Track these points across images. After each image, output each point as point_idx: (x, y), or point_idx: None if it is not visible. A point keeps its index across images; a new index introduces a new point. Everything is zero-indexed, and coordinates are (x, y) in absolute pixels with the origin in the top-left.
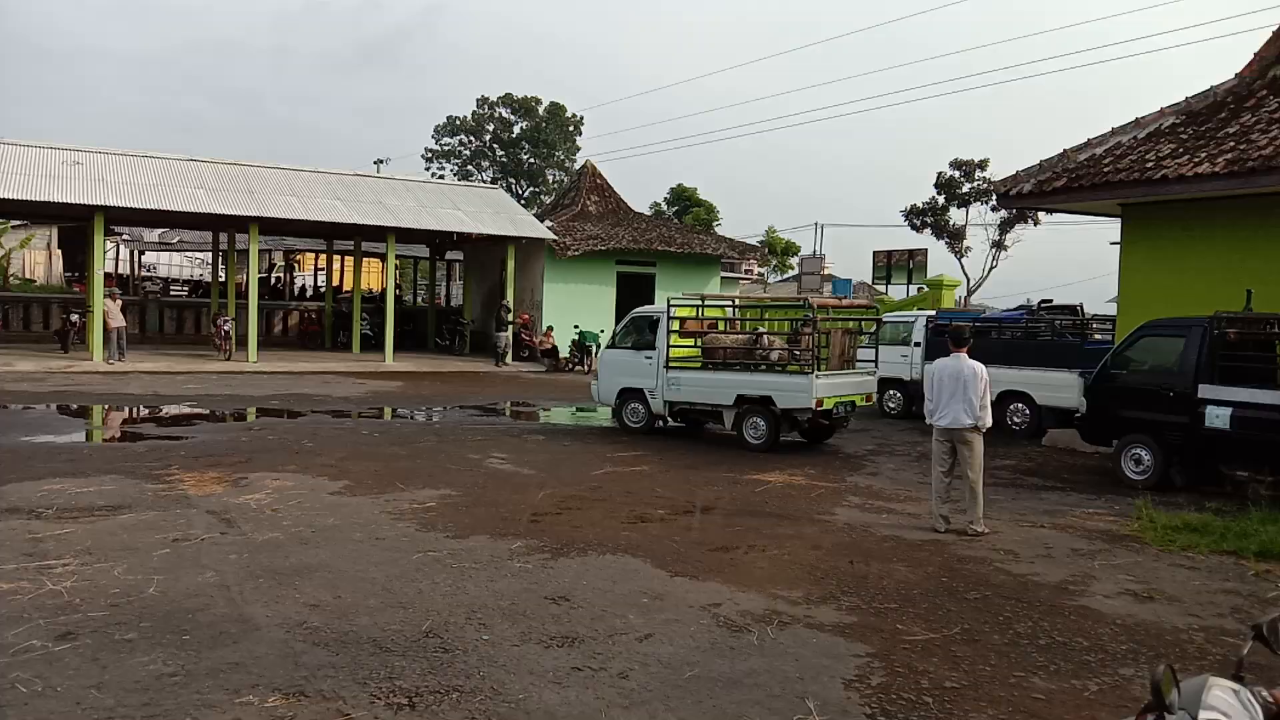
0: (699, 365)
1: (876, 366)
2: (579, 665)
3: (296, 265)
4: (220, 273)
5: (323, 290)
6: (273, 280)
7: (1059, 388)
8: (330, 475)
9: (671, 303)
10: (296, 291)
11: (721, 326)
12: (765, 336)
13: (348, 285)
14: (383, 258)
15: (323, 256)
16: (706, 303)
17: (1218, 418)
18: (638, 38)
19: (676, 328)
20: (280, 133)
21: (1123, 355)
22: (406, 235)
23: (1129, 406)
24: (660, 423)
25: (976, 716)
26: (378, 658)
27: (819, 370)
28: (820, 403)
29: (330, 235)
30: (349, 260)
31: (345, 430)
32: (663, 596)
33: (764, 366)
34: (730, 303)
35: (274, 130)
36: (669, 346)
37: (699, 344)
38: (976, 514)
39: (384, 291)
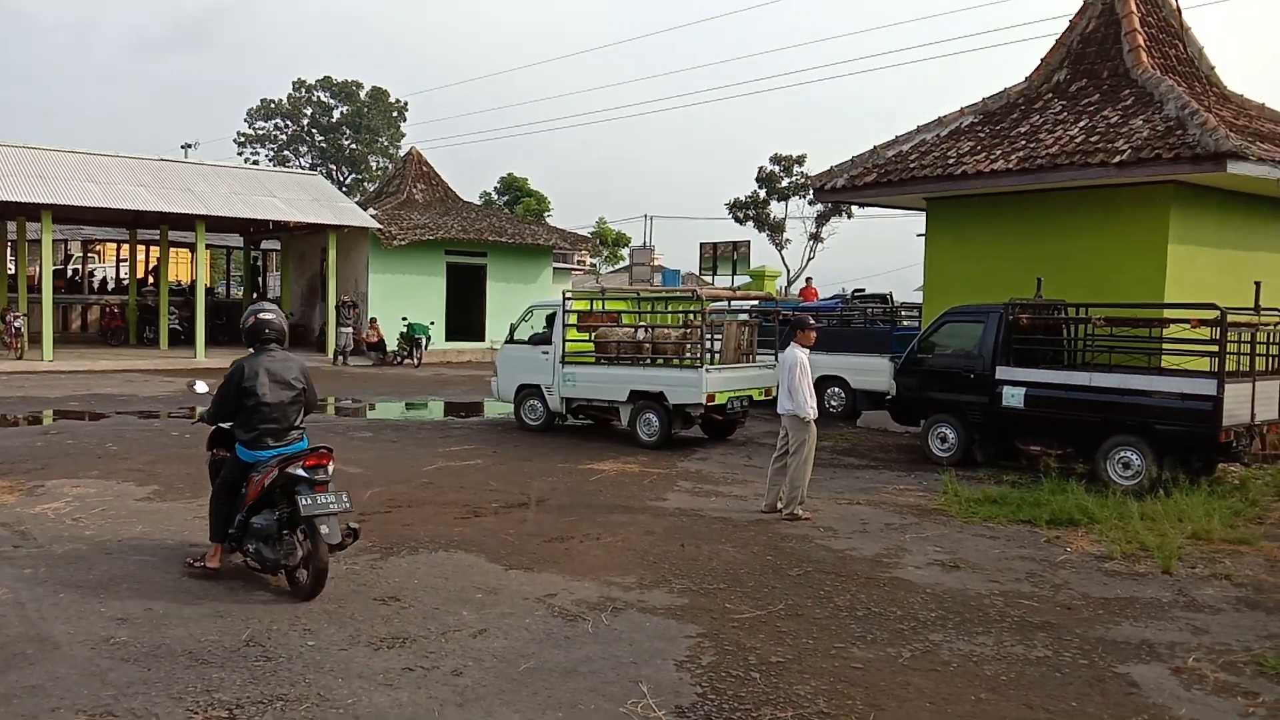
0: (593, 360)
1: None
2: (410, 665)
3: (96, 256)
4: (10, 264)
5: (126, 283)
6: (70, 272)
7: (871, 372)
8: (137, 480)
9: (567, 295)
10: (97, 285)
11: (627, 320)
12: (651, 330)
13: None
14: (192, 247)
15: (125, 247)
16: (605, 294)
17: (1013, 397)
18: (464, 24)
19: (574, 321)
20: (78, 115)
21: (928, 340)
22: (218, 224)
23: (934, 388)
24: (559, 420)
25: (800, 689)
26: (194, 670)
27: (710, 364)
28: (712, 397)
29: (134, 224)
30: (155, 250)
31: (153, 432)
32: (497, 590)
33: (659, 360)
34: (634, 295)
35: (71, 112)
36: (564, 341)
37: (593, 338)
38: (781, 495)
39: (194, 283)
